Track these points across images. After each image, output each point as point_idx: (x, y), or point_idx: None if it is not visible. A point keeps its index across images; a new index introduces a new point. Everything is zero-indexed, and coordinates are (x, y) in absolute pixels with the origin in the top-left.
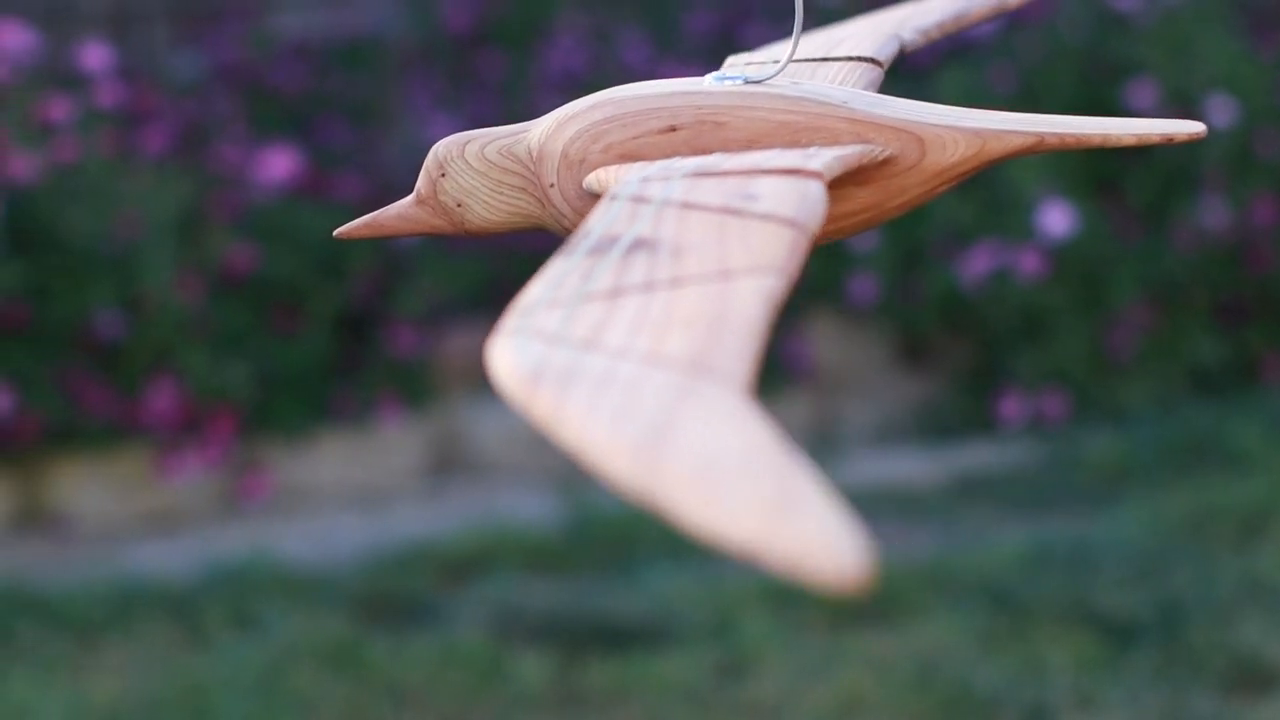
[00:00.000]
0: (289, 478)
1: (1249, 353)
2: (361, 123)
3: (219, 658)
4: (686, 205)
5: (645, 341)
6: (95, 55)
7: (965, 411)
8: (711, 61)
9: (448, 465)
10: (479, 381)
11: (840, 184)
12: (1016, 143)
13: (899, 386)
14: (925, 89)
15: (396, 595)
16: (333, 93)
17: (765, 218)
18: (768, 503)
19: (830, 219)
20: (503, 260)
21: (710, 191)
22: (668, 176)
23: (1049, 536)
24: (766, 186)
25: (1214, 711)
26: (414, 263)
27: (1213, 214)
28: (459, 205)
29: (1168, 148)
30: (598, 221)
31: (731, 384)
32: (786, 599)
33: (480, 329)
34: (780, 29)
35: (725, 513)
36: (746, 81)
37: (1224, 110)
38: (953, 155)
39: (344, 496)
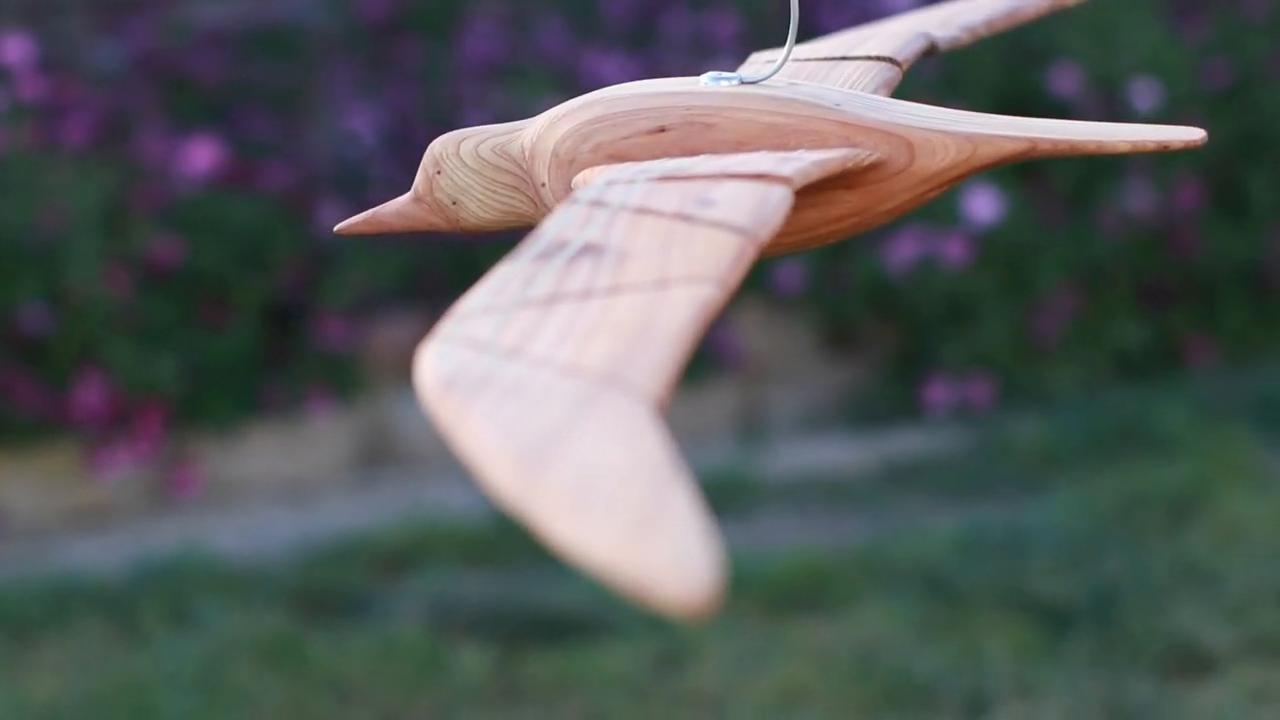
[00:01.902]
0: (219, 471)
1: (1173, 336)
2: (283, 112)
3: (157, 654)
4: (641, 210)
5: (568, 351)
6: (15, 47)
7: (892, 398)
8: (631, 49)
9: (377, 457)
10: (408, 373)
11: (827, 188)
12: (1008, 148)
13: (826, 374)
14: None
15: (332, 589)
16: (253, 82)
17: (715, 225)
18: (629, 524)
19: (817, 224)
20: (430, 251)
21: (668, 197)
22: (632, 180)
23: (980, 523)
24: (726, 192)
25: (1152, 696)
26: (341, 254)
27: (1137, 198)
28: (454, 203)
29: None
30: (551, 225)
31: (639, 397)
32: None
33: (409, 321)
34: (700, 16)
35: (587, 532)
36: (741, 82)
37: (1147, 95)
38: (942, 160)
39: (274, 490)
